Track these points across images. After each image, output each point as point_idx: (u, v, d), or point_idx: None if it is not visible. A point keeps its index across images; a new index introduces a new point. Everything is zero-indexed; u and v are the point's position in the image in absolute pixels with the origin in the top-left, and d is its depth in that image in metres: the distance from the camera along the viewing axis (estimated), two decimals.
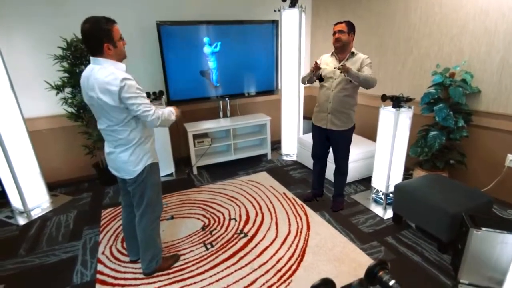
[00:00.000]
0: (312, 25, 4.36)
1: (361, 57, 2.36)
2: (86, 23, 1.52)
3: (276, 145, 4.29)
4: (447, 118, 2.56)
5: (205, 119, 3.86)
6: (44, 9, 2.94)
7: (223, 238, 2.38)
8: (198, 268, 2.06)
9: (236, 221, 2.60)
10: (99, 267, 2.11)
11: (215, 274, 2.01)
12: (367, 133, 3.54)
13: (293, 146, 3.97)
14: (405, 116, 2.48)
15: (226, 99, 3.82)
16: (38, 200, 2.91)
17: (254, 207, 2.80)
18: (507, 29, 2.39)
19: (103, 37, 1.52)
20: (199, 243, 2.33)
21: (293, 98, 3.78)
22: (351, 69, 2.22)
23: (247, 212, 2.72)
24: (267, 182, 3.29)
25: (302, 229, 2.44)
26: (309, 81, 2.50)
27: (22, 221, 2.72)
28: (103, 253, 2.26)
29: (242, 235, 2.41)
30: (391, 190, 2.64)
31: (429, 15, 2.88)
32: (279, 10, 3.56)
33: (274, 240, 2.32)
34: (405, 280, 1.89)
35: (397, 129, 2.47)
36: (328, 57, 2.49)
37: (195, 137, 3.56)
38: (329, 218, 2.60)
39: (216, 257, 2.16)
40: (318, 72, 2.40)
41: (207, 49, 3.51)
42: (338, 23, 2.34)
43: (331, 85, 2.42)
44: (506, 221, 1.89)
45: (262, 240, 2.33)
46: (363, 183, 3.19)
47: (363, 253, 2.14)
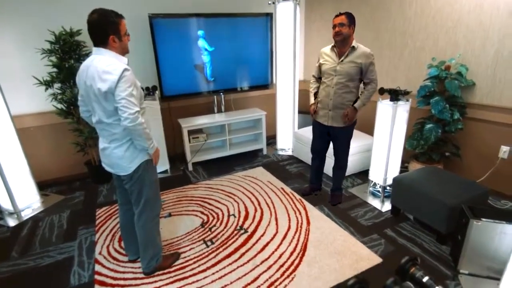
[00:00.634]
0: (306, 18, 4.32)
1: (363, 51, 2.28)
2: (94, 14, 1.52)
3: (271, 140, 4.27)
4: (443, 110, 2.59)
5: (199, 115, 3.79)
6: (30, 1, 2.81)
7: (223, 234, 2.35)
8: (199, 266, 2.04)
9: (235, 217, 2.57)
10: (97, 267, 2.06)
11: (217, 272, 1.98)
12: (363, 126, 3.55)
13: (288, 141, 3.96)
14: (403, 109, 2.49)
15: (220, 94, 3.76)
16: (29, 200, 2.81)
17: (252, 202, 2.78)
18: (502, 23, 2.42)
19: (110, 29, 1.52)
20: (199, 241, 2.29)
21: (288, 93, 3.76)
22: (354, 111, 2.34)
23: (245, 208, 2.70)
24: (264, 177, 3.27)
25: (302, 223, 2.44)
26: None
27: (12, 222, 2.62)
28: (100, 253, 2.20)
29: (242, 231, 2.38)
30: (388, 183, 2.67)
31: (424, 8, 2.89)
32: (273, 3, 3.51)
33: (275, 235, 2.31)
34: None
35: (395, 122, 2.48)
36: (328, 50, 2.41)
37: (190, 133, 3.50)
38: (328, 212, 2.61)
39: (217, 254, 2.14)
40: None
41: (202, 42, 3.43)
42: (338, 15, 2.25)
43: (331, 82, 2.38)
44: (504, 211, 1.93)
45: (262, 235, 2.32)
46: (360, 176, 3.21)
47: (364, 246, 2.15)
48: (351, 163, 3.08)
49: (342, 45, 2.30)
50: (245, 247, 2.20)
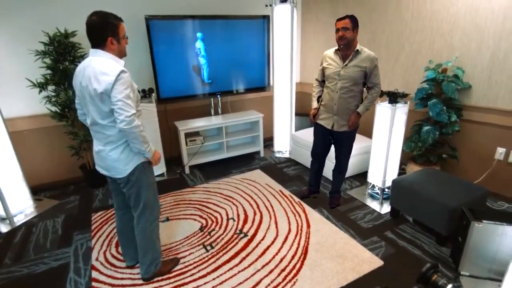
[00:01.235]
0: (302, 19, 4.33)
1: (368, 55, 2.24)
2: (93, 16, 1.50)
3: (268, 142, 4.26)
4: (441, 113, 2.61)
5: (196, 117, 3.76)
6: (24, 0, 2.75)
7: (222, 238, 2.32)
8: (199, 271, 2.00)
9: (234, 221, 2.54)
10: (94, 274, 2.01)
11: (218, 277, 1.95)
12: (360, 129, 3.53)
13: (285, 143, 3.95)
14: (401, 111, 2.50)
15: (217, 96, 3.74)
16: (21, 205, 2.74)
17: (251, 206, 2.76)
18: (497, 26, 2.45)
19: (109, 30, 1.51)
20: (199, 245, 2.26)
21: (285, 95, 3.75)
22: (358, 116, 2.34)
23: (244, 211, 2.67)
24: (262, 180, 3.25)
25: (302, 226, 2.42)
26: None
27: (4, 228, 2.54)
28: (97, 259, 2.14)
29: (242, 235, 2.36)
30: (387, 185, 2.67)
31: (421, 11, 2.91)
32: (270, 5, 3.51)
33: (275, 239, 2.29)
34: (406, 274, 1.91)
35: (393, 124, 2.49)
36: (332, 53, 2.37)
37: (187, 135, 3.46)
38: (327, 214, 2.60)
39: (218, 259, 2.11)
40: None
41: (199, 44, 3.41)
42: (341, 18, 2.19)
43: (335, 86, 2.35)
44: (505, 213, 1.94)
45: (263, 239, 2.29)
46: (358, 178, 3.21)
47: (365, 249, 2.14)
48: (349, 165, 3.08)
49: (346, 48, 2.25)
50: (246, 251, 2.18)
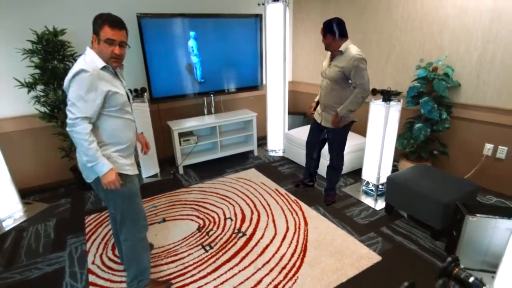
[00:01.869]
0: (293, 19, 4.35)
1: (348, 55, 2.23)
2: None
3: (261, 141, 4.26)
4: (432, 110, 2.68)
5: (189, 117, 3.72)
6: None
7: (221, 238, 2.31)
8: (200, 272, 1.99)
9: (232, 220, 2.54)
10: (91, 278, 1.96)
11: (218, 277, 1.94)
12: (354, 127, 3.59)
13: (279, 142, 3.96)
14: (395, 109, 2.56)
15: (211, 95, 3.71)
16: (10, 210, 2.64)
17: (248, 205, 2.75)
18: (484, 28, 2.53)
19: (94, 29, 1.48)
20: (197, 245, 2.24)
21: (278, 94, 3.75)
22: (340, 116, 2.35)
23: (241, 210, 2.67)
24: (257, 179, 3.25)
25: (300, 224, 2.44)
26: None
27: None
28: (93, 262, 2.10)
29: (241, 234, 2.35)
30: (381, 181, 2.73)
31: (411, 12, 2.98)
32: (263, 4, 3.51)
33: (274, 237, 2.30)
34: (404, 268, 1.96)
35: (387, 122, 2.54)
36: (328, 53, 2.47)
37: (180, 135, 3.42)
38: (324, 212, 2.63)
39: (217, 259, 2.10)
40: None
41: (192, 42, 3.37)
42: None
43: (322, 84, 2.51)
44: (496, 207, 2.01)
45: (261, 238, 2.30)
46: (352, 175, 3.26)
47: (363, 245, 2.18)
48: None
49: (330, 50, 2.39)
50: (245, 250, 2.18)
